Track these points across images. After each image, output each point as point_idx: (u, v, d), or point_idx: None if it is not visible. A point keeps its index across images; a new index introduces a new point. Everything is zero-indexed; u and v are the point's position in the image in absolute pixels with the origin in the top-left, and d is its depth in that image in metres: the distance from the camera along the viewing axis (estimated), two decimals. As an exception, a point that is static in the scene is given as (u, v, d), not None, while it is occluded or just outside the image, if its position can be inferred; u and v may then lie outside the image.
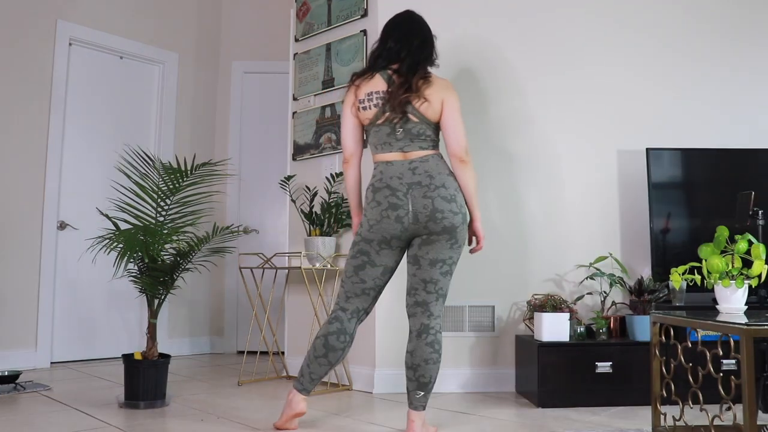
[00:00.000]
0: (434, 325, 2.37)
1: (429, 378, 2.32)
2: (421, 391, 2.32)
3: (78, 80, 4.32)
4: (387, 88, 2.43)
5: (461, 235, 2.39)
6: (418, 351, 2.33)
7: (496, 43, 3.51)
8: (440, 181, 2.37)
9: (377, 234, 2.40)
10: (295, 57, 3.95)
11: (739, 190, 3.03)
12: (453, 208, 2.35)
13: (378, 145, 2.46)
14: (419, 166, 2.38)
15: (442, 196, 2.34)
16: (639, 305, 3.12)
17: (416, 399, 2.33)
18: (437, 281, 2.38)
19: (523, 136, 3.48)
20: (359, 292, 2.45)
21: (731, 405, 1.93)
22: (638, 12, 3.59)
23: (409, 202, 2.35)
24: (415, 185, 2.36)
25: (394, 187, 2.37)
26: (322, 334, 2.43)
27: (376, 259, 2.42)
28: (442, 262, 2.37)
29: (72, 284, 4.21)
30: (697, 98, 3.58)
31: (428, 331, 2.35)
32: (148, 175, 3.01)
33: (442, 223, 2.34)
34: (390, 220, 2.37)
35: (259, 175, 4.95)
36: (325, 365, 2.42)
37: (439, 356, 2.34)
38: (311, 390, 2.46)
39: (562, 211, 3.46)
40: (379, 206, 2.39)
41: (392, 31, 2.55)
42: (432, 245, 2.37)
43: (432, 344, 2.33)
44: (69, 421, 2.57)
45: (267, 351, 4.08)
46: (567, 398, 2.92)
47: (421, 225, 2.35)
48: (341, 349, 2.42)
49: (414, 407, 2.33)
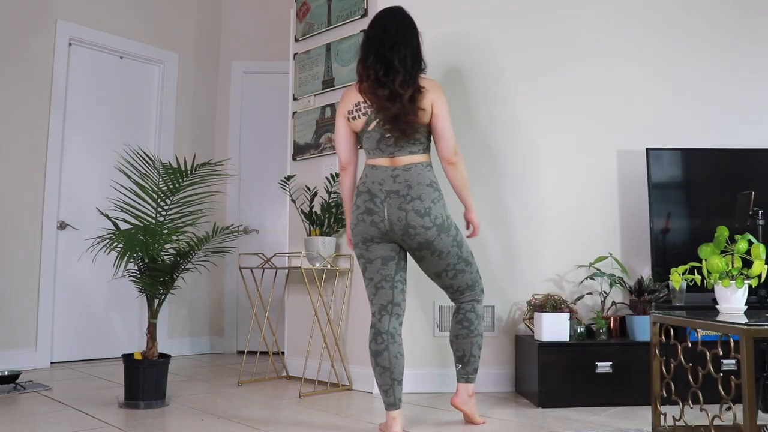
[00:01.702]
0: (464, 306, 2.56)
1: (463, 352, 2.54)
2: (460, 364, 2.55)
3: (78, 80, 4.32)
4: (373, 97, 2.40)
5: (441, 245, 2.42)
6: (452, 329, 2.58)
7: (496, 44, 3.50)
8: (417, 192, 2.38)
9: (358, 235, 2.47)
10: (295, 57, 3.95)
11: (739, 190, 3.03)
12: (425, 223, 2.37)
13: (370, 150, 2.49)
14: (401, 174, 2.40)
15: (416, 209, 2.37)
16: (639, 305, 3.12)
17: (457, 372, 2.57)
18: (451, 285, 2.55)
19: (523, 137, 3.48)
20: (374, 291, 2.49)
21: (731, 405, 1.93)
22: (638, 12, 3.59)
23: (385, 209, 2.39)
24: (393, 194, 2.39)
25: (374, 192, 2.42)
26: (369, 347, 2.45)
27: (370, 255, 2.47)
28: (443, 271, 2.52)
29: (72, 284, 4.21)
30: (697, 98, 3.58)
31: (459, 311, 2.57)
32: (148, 175, 3.01)
33: (416, 239, 2.40)
34: (365, 224, 2.42)
35: (259, 175, 4.95)
36: (383, 373, 2.39)
37: (470, 332, 2.53)
38: (397, 402, 2.39)
39: (562, 211, 3.45)
40: (357, 210, 2.45)
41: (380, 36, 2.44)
42: (422, 261, 2.50)
43: (461, 322, 2.55)
44: (69, 421, 2.57)
45: (267, 351, 4.08)
46: (567, 398, 2.92)
47: (397, 235, 2.41)
48: (384, 349, 2.39)
49: (457, 379, 2.57)
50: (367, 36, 2.50)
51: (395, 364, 2.39)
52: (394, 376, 2.38)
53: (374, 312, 2.48)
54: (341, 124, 2.53)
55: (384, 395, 2.40)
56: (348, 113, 2.49)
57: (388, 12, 2.53)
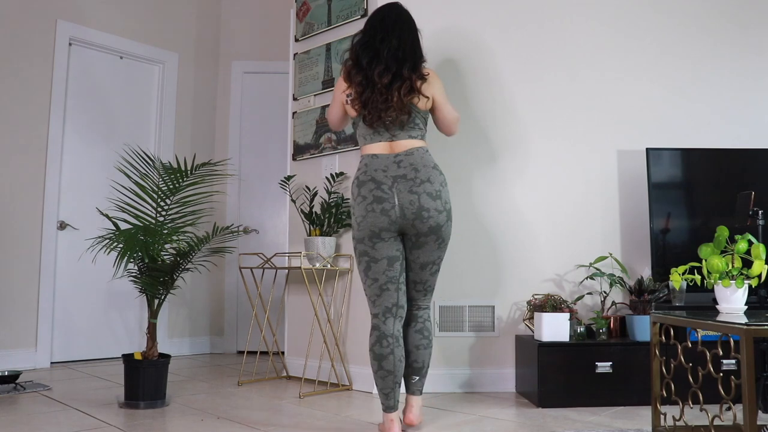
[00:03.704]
0: (422, 315, 2.49)
1: (422, 363, 2.45)
2: (416, 376, 2.45)
3: (78, 80, 4.32)
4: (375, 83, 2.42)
5: (446, 232, 2.42)
6: (409, 338, 2.46)
7: (496, 45, 3.50)
8: (425, 174, 2.37)
9: (365, 230, 2.37)
10: (295, 57, 3.95)
11: (739, 190, 3.03)
12: (438, 206, 2.36)
13: (366, 136, 2.46)
14: (404, 159, 2.39)
15: (427, 192, 2.35)
16: (639, 305, 3.12)
17: (412, 384, 2.46)
18: (426, 281, 2.48)
19: (523, 137, 3.48)
20: (378, 292, 2.41)
21: (731, 405, 1.93)
22: (638, 13, 3.59)
23: (395, 195, 2.34)
24: (400, 178, 2.36)
25: (379, 180, 2.37)
26: (369, 349, 2.39)
27: (376, 254, 2.39)
28: (432, 263, 2.45)
29: (72, 284, 4.20)
30: (697, 98, 3.57)
31: (416, 320, 2.48)
32: (148, 175, 3.01)
33: (428, 223, 2.35)
34: (376, 214, 2.35)
35: (259, 175, 4.95)
36: (386, 377, 2.34)
37: (429, 342, 2.47)
38: (396, 405, 2.36)
39: (562, 211, 3.45)
40: (365, 201, 2.37)
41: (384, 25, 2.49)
42: (421, 248, 2.41)
43: (421, 331, 2.46)
44: (69, 421, 2.57)
45: (267, 351, 4.08)
46: (567, 398, 2.92)
47: (408, 221, 2.35)
48: (390, 353, 2.33)
49: (411, 392, 2.47)
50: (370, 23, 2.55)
51: (399, 368, 2.35)
52: (397, 379, 2.35)
53: (377, 314, 2.40)
54: (337, 104, 2.56)
55: (384, 398, 2.35)
56: (347, 96, 2.49)
57: (391, 6, 2.59)
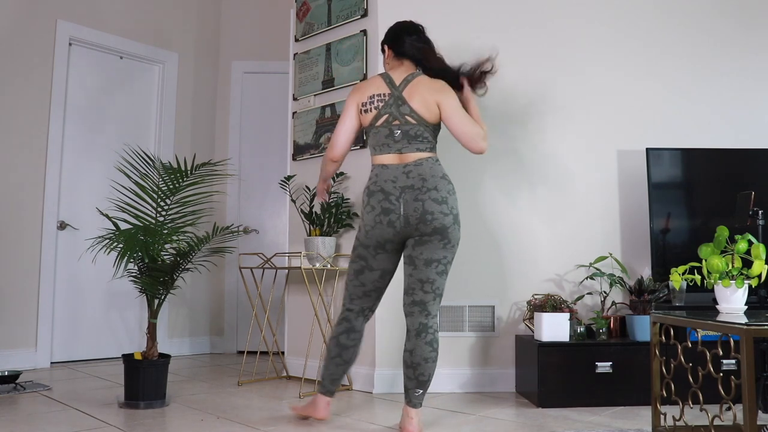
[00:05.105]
0: (432, 324, 2.42)
1: (428, 376, 2.39)
2: (420, 389, 2.38)
3: (78, 80, 4.32)
4: (388, 90, 2.49)
5: (453, 235, 2.41)
6: (418, 350, 2.37)
7: (496, 45, 3.50)
8: (432, 183, 2.40)
9: (372, 239, 2.47)
10: (295, 57, 3.95)
11: (739, 190, 3.03)
12: (443, 210, 2.38)
13: (376, 147, 2.50)
14: (413, 170, 2.42)
15: (432, 198, 2.38)
16: (639, 305, 3.12)
17: (415, 397, 2.38)
18: (434, 281, 2.42)
19: (523, 137, 3.48)
20: (361, 294, 2.54)
21: (731, 405, 1.93)
22: (639, 13, 3.59)
23: (401, 206, 2.39)
24: (408, 189, 2.40)
25: (388, 190, 2.42)
26: (333, 336, 2.55)
27: (374, 264, 2.50)
28: (437, 261, 2.41)
29: (72, 284, 4.20)
30: (697, 98, 3.57)
31: (427, 331, 2.40)
32: (148, 175, 3.01)
33: (432, 225, 2.37)
34: (383, 225, 2.42)
35: (259, 175, 4.95)
36: (341, 364, 2.54)
37: (437, 355, 2.42)
38: (334, 391, 2.57)
39: (562, 211, 3.45)
40: (373, 211, 2.44)
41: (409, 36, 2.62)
42: (425, 245, 2.40)
43: (431, 343, 2.39)
44: (69, 421, 2.57)
45: (267, 351, 4.08)
46: (567, 398, 2.92)
47: (412, 227, 2.40)
48: (353, 346, 2.54)
49: (413, 405, 2.39)
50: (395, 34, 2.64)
51: (354, 360, 2.57)
52: (348, 369, 2.58)
53: (351, 308, 2.55)
54: (351, 114, 2.55)
55: (330, 383, 2.54)
56: (362, 105, 2.52)
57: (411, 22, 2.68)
